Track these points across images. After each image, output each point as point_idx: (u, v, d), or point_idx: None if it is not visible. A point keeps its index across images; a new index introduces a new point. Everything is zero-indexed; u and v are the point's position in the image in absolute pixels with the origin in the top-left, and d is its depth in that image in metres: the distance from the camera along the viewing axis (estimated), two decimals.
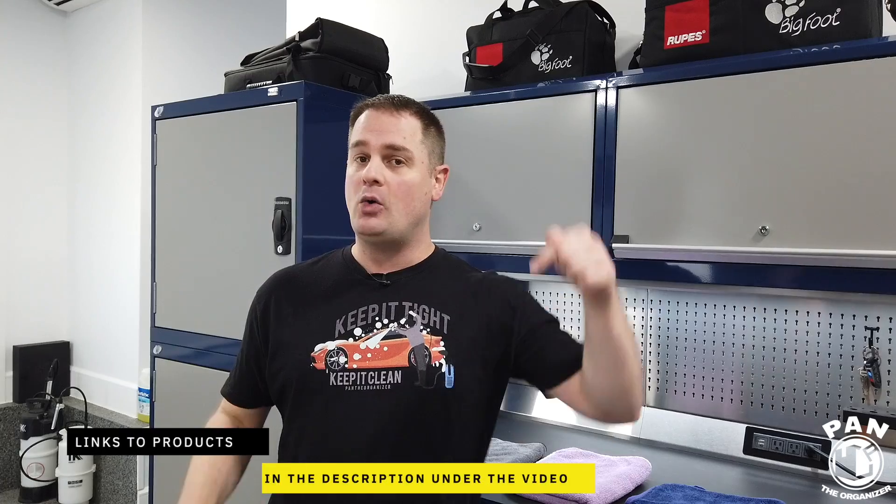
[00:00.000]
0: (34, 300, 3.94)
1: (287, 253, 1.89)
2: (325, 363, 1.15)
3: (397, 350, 1.14)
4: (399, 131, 1.16)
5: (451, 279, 1.23)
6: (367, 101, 1.21)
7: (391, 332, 1.16)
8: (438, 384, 1.12)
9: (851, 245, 1.33)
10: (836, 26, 1.42)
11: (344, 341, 1.16)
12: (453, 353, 1.14)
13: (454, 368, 1.13)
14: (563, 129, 1.72)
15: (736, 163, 1.47)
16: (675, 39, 1.60)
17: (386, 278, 1.20)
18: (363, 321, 1.17)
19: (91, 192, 3.92)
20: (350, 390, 1.13)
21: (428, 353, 1.13)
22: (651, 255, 1.57)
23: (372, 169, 1.14)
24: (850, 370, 1.64)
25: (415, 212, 1.18)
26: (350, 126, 1.22)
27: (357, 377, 1.13)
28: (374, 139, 1.15)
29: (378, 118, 1.16)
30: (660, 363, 1.93)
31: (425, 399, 1.12)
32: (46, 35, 3.96)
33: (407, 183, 1.16)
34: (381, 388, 1.13)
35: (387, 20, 2.54)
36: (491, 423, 1.23)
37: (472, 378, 1.15)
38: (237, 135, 2.06)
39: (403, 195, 1.15)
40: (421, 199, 1.19)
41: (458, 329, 1.16)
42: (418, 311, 1.17)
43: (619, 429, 1.93)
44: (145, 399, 3.44)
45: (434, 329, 1.16)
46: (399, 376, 1.13)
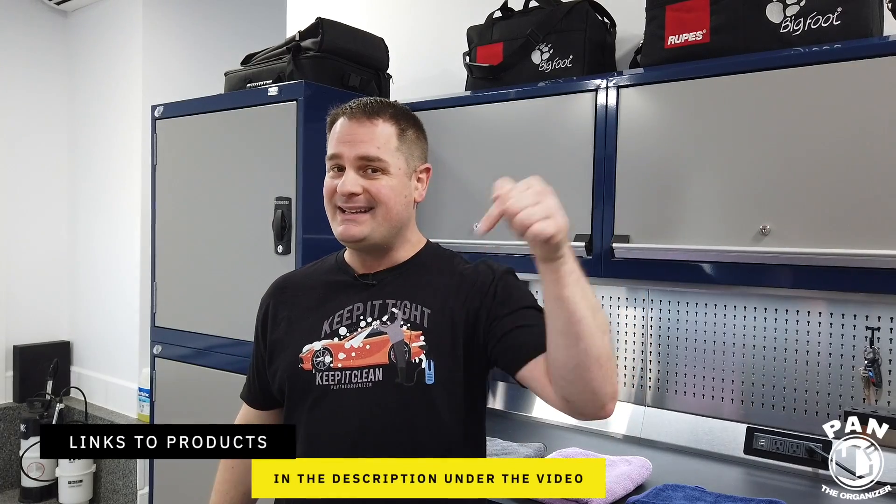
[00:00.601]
0: (34, 300, 3.94)
1: (287, 253, 1.89)
2: (312, 363, 1.17)
3: (378, 347, 1.15)
4: (373, 141, 1.15)
5: (438, 273, 1.22)
6: (342, 108, 1.20)
7: (373, 329, 1.16)
8: (419, 380, 1.12)
9: (852, 245, 1.33)
10: (837, 26, 1.42)
11: (329, 341, 1.17)
12: (434, 347, 1.13)
13: (434, 363, 1.13)
14: (563, 128, 1.72)
15: (736, 162, 1.47)
16: (675, 39, 1.60)
17: (372, 278, 1.21)
18: (348, 320, 1.18)
19: (91, 191, 3.92)
20: (335, 389, 1.14)
21: (408, 348, 1.13)
22: (651, 254, 1.57)
23: (347, 182, 1.14)
24: (851, 370, 1.64)
25: (395, 218, 1.17)
26: (327, 132, 1.21)
27: (342, 376, 1.14)
28: (348, 151, 1.15)
29: (351, 128, 1.16)
30: (660, 363, 1.92)
31: (406, 396, 1.12)
32: (47, 35, 3.96)
33: (385, 190, 1.15)
34: (364, 386, 1.13)
35: (387, 20, 2.54)
36: (480, 417, 1.22)
37: (455, 371, 1.14)
38: (237, 134, 2.06)
39: (384, 201, 1.15)
40: (401, 204, 1.18)
41: (439, 322, 1.15)
42: (399, 308, 1.17)
43: (620, 428, 1.93)
44: (145, 399, 3.44)
45: (414, 324, 1.15)
46: (380, 374, 1.13)
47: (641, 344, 1.95)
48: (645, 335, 1.95)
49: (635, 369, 1.96)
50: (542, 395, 1.06)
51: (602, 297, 2.02)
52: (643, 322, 1.95)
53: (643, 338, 1.95)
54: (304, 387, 1.17)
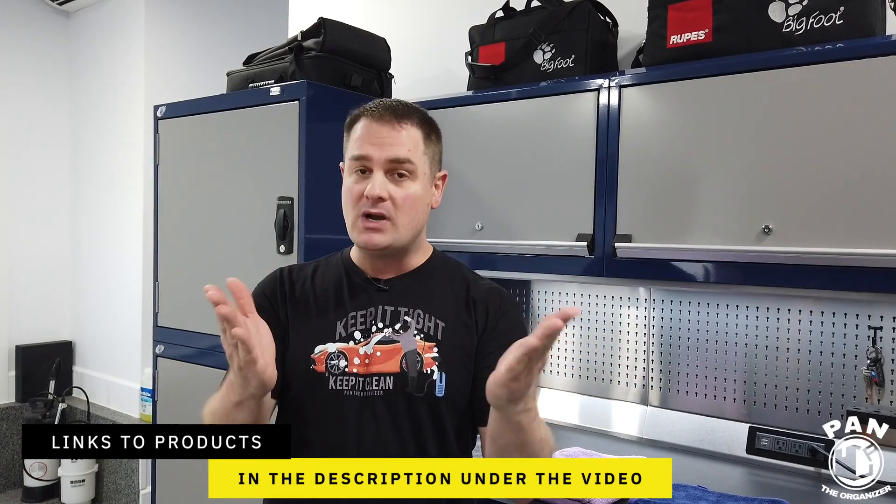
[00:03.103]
0: (37, 300, 3.95)
1: (289, 252, 1.89)
2: (326, 366, 1.13)
3: (390, 355, 1.13)
4: (402, 144, 1.11)
5: (448, 284, 1.21)
6: (366, 108, 1.15)
7: (385, 336, 1.14)
8: (429, 391, 1.11)
9: (855, 244, 1.33)
10: (840, 25, 1.42)
11: (345, 344, 1.14)
12: (446, 360, 1.13)
13: (446, 376, 1.12)
14: (565, 128, 1.72)
15: (738, 162, 1.47)
16: (677, 38, 1.60)
17: (384, 283, 1.19)
18: (362, 325, 1.15)
19: (94, 191, 3.93)
20: (347, 395, 1.12)
21: (420, 359, 1.12)
22: (654, 254, 1.57)
23: (377, 186, 1.10)
24: (854, 370, 1.64)
25: (417, 224, 1.16)
26: (346, 132, 1.18)
27: (356, 382, 1.12)
28: (378, 154, 1.11)
29: (380, 130, 1.11)
30: (662, 363, 1.92)
31: (415, 406, 1.11)
32: (49, 35, 3.97)
33: (411, 197, 1.13)
34: (374, 393, 1.11)
35: (389, 19, 2.54)
36: (473, 435, 1.21)
37: (464, 385, 1.14)
38: (239, 134, 2.06)
39: (408, 209, 1.13)
40: (423, 211, 1.17)
41: (452, 336, 1.15)
42: (413, 317, 1.15)
43: (622, 428, 1.93)
44: (148, 399, 3.44)
45: (428, 335, 1.14)
46: (390, 382, 1.11)
47: (643, 344, 1.95)
48: (647, 335, 1.95)
49: (637, 369, 1.96)
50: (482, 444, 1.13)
51: (604, 296, 2.02)
52: (645, 322, 1.95)
53: (645, 337, 1.95)
54: (314, 389, 1.12)
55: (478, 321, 1.17)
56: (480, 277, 1.25)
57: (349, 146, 1.16)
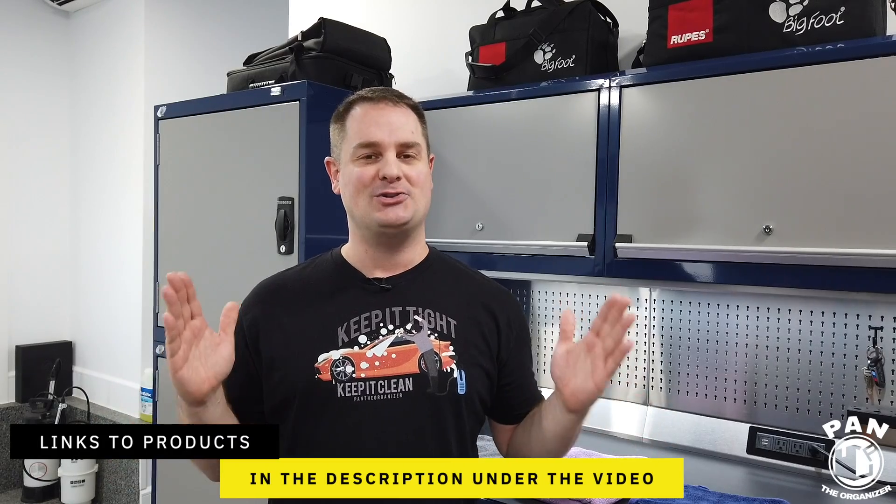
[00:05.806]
0: (37, 300, 3.95)
1: (290, 252, 1.89)
2: (331, 373, 1.08)
3: (406, 357, 1.10)
4: (407, 125, 1.13)
5: (451, 282, 1.21)
6: (357, 95, 1.15)
7: (398, 338, 1.11)
8: (451, 390, 1.10)
9: (856, 244, 1.33)
10: (840, 25, 1.42)
11: (349, 349, 1.10)
12: (463, 358, 1.12)
13: (465, 374, 1.11)
14: (566, 128, 1.72)
15: (739, 162, 1.47)
16: (678, 38, 1.59)
17: (386, 282, 1.16)
18: (367, 328, 1.12)
19: (93, 191, 3.92)
20: (359, 401, 1.08)
21: (438, 358, 1.11)
22: (654, 254, 1.57)
23: (392, 165, 1.09)
24: (854, 370, 1.64)
25: (428, 203, 1.17)
26: (335, 124, 1.17)
27: (366, 387, 1.08)
28: (387, 136, 1.10)
29: (383, 113, 1.11)
30: (663, 363, 1.92)
31: (438, 406, 1.10)
32: (49, 36, 3.97)
33: (424, 174, 1.14)
34: (392, 396, 1.08)
35: (389, 19, 2.54)
36: (479, 429, 1.22)
37: (480, 383, 1.14)
38: (240, 134, 2.06)
39: (422, 185, 1.14)
40: (430, 189, 1.18)
41: (465, 334, 1.15)
42: (423, 316, 1.14)
43: (623, 428, 1.93)
44: (148, 399, 3.44)
45: (442, 334, 1.13)
46: (410, 384, 1.09)
47: (644, 344, 1.95)
48: (647, 335, 1.95)
49: (638, 369, 1.96)
50: (496, 443, 1.27)
51: (604, 297, 2.01)
52: (646, 322, 1.95)
53: (646, 338, 1.95)
54: (321, 399, 1.08)
55: (499, 323, 1.19)
56: (479, 273, 1.27)
57: (348, 136, 1.14)
